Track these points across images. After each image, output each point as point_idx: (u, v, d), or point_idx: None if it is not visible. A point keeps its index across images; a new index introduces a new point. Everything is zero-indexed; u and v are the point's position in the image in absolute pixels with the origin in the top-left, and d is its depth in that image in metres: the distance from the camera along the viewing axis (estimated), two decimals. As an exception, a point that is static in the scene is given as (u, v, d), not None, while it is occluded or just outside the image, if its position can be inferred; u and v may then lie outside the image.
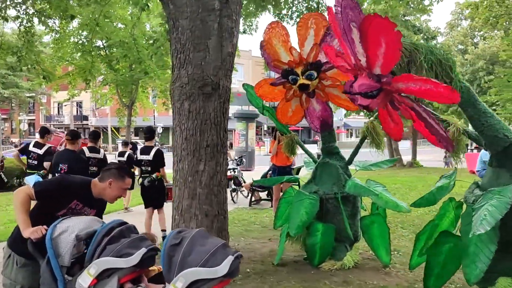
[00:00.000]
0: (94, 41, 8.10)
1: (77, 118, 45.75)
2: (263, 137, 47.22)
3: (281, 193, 7.63)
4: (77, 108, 47.03)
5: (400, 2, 8.21)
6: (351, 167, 5.29)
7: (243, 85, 6.01)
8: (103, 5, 7.38)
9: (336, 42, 4.51)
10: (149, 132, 6.66)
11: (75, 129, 7.88)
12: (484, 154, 10.08)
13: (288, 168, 7.62)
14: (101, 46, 10.44)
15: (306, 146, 6.13)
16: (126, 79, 12.30)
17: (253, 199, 10.13)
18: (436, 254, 3.25)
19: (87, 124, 45.97)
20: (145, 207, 6.38)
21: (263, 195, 10.54)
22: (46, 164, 6.65)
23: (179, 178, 4.70)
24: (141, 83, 13.93)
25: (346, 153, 5.28)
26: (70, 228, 2.30)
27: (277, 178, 6.77)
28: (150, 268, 2.47)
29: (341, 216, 4.85)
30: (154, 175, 6.15)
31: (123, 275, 2.19)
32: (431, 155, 26.84)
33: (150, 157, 6.23)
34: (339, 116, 54.54)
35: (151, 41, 9.66)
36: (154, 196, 6.25)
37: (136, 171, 7.20)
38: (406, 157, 20.67)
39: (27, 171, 6.95)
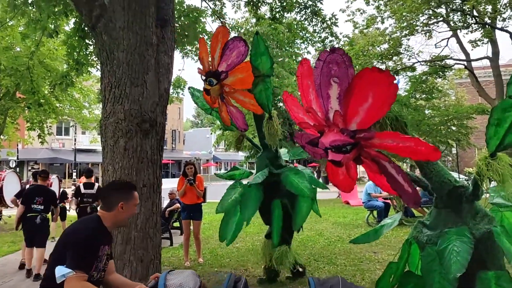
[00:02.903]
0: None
1: None
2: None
3: (191, 230, 7.47)
4: None
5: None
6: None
7: (189, 88, 6.01)
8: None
9: (235, 54, 4.75)
10: (89, 172, 8.41)
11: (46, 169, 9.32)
12: (369, 187, 11.29)
13: (198, 206, 7.45)
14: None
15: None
16: (-6, 108, 10.76)
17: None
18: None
19: None
20: None
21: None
22: None
23: (111, 222, 4.31)
24: (9, 113, 12.35)
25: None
26: (185, 286, 2.06)
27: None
28: None
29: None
30: (94, 204, 7.72)
31: None
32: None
33: (93, 191, 7.93)
34: (208, 149, 55.39)
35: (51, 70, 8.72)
36: None
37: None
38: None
39: None
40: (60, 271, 2.10)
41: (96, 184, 8.25)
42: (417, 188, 3.19)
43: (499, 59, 18.34)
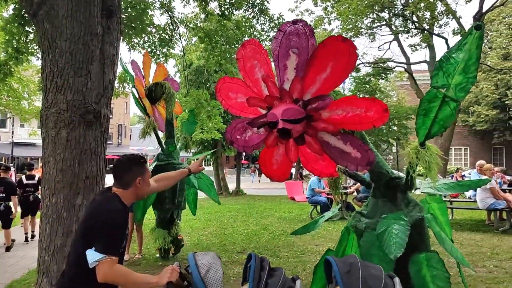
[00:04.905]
0: None
1: None
2: None
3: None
4: None
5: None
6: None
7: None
8: None
9: None
10: (30, 165, 9.67)
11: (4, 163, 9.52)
12: (313, 183, 11.63)
13: (141, 198, 7.59)
14: None
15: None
16: None
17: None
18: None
19: None
20: (24, 216, 9.19)
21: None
22: None
23: (51, 214, 4.21)
24: None
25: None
26: (213, 266, 2.03)
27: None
28: None
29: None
30: (36, 194, 8.93)
31: None
32: (252, 184, 28.92)
33: (35, 181, 9.11)
34: (155, 145, 54.39)
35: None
36: (35, 207, 9.14)
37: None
38: (232, 185, 21.96)
39: None
40: (93, 256, 2.09)
41: (37, 176, 9.27)
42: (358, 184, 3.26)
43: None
